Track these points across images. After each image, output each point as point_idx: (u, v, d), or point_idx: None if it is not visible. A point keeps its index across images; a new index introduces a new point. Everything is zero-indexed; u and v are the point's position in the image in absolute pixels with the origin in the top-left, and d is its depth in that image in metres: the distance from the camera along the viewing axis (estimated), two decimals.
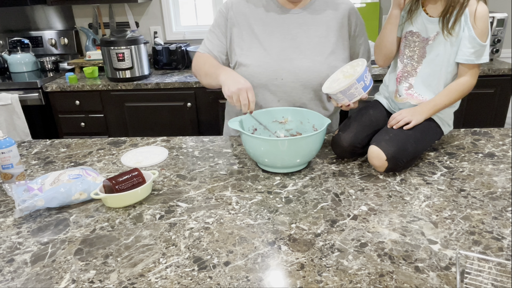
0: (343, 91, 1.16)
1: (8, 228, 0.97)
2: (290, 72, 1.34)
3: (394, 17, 1.24)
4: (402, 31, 1.28)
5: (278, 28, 1.36)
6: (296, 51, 1.35)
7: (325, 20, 1.37)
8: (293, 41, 1.35)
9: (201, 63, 1.41)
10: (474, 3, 1.15)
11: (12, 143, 1.13)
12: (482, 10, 1.15)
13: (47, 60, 2.83)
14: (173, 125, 2.53)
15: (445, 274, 0.77)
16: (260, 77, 1.35)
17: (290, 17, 1.36)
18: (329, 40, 1.36)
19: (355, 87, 1.15)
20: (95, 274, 0.80)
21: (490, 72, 2.32)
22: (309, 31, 1.36)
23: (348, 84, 1.15)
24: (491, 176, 1.13)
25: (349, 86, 1.15)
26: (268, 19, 1.37)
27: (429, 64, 1.24)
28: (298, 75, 1.34)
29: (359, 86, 1.15)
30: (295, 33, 1.36)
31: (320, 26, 1.36)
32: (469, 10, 1.15)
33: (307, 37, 1.36)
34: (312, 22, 1.36)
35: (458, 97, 1.23)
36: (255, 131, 1.31)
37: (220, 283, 0.76)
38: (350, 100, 1.18)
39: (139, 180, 1.06)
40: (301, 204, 1.02)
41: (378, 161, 1.14)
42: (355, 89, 1.15)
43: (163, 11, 2.88)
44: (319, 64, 1.34)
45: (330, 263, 0.81)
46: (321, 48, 1.35)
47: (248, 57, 1.36)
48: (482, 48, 1.17)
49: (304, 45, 1.35)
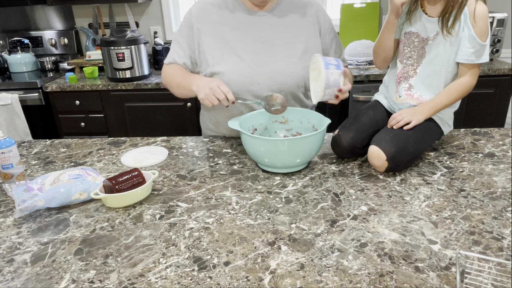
0: (327, 85, 1.14)
1: (8, 228, 0.97)
2: (266, 76, 1.32)
3: (391, 24, 1.24)
4: (401, 31, 1.28)
5: (248, 32, 1.34)
6: (269, 54, 1.33)
7: (294, 20, 1.36)
8: (264, 44, 1.34)
9: (171, 75, 1.41)
10: (473, 2, 1.15)
11: (12, 143, 1.13)
12: (481, 9, 1.15)
13: (47, 60, 2.83)
14: (173, 125, 2.53)
15: (445, 274, 0.77)
16: (237, 83, 1.33)
17: (258, 19, 1.35)
18: (300, 40, 1.35)
19: (331, 73, 1.13)
20: (95, 274, 0.80)
21: (490, 72, 2.32)
22: (279, 32, 1.35)
23: (323, 76, 1.12)
24: (491, 176, 1.13)
25: (326, 77, 1.12)
26: (236, 24, 1.35)
27: (428, 64, 1.24)
28: (274, 78, 1.33)
29: (332, 71, 1.13)
30: (265, 35, 1.34)
31: (290, 27, 1.35)
32: (469, 10, 1.15)
33: (278, 39, 1.34)
34: (281, 23, 1.35)
35: (459, 97, 1.23)
36: (255, 131, 1.31)
37: (220, 283, 0.76)
38: (339, 86, 1.15)
39: (139, 180, 1.06)
40: (301, 204, 1.02)
41: (378, 161, 1.14)
42: (331, 74, 1.13)
43: (163, 11, 2.88)
44: (293, 65, 1.34)
45: (330, 263, 0.81)
46: (293, 49, 1.35)
47: (221, 65, 1.33)
48: (482, 47, 1.17)
49: (276, 47, 1.34)
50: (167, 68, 1.43)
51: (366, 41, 2.60)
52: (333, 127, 1.37)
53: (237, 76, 1.33)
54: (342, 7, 2.79)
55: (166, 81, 1.44)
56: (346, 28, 2.81)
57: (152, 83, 2.42)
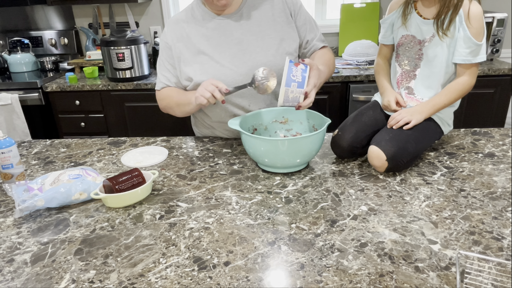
0: (286, 100, 1.14)
1: (8, 228, 0.97)
2: (248, 75, 1.31)
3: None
4: (397, 35, 1.29)
5: (222, 36, 1.34)
6: (246, 53, 1.33)
7: (263, 13, 1.35)
8: (239, 44, 1.33)
9: (168, 96, 1.40)
10: (467, 3, 1.15)
11: (12, 143, 1.13)
12: (475, 9, 1.15)
13: (47, 60, 2.83)
14: (173, 125, 2.53)
15: (445, 274, 0.77)
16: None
17: (228, 22, 1.34)
18: (274, 30, 1.35)
19: (290, 91, 1.12)
20: (95, 274, 0.80)
21: (490, 72, 2.32)
22: (251, 29, 1.34)
23: (282, 93, 1.12)
24: (491, 176, 1.13)
25: (285, 95, 1.12)
26: (208, 32, 1.34)
27: (427, 66, 1.24)
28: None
29: (293, 89, 1.12)
30: (238, 35, 1.34)
31: (260, 20, 1.35)
32: (463, 11, 1.15)
33: (252, 35, 1.34)
34: (251, 19, 1.35)
35: (458, 96, 1.23)
36: (255, 131, 1.31)
37: (220, 283, 0.76)
38: (298, 102, 1.15)
39: (139, 180, 1.06)
40: (301, 204, 1.02)
41: (378, 161, 1.14)
42: (291, 92, 1.13)
43: (163, 11, 2.88)
44: (272, 57, 1.33)
45: (330, 263, 0.81)
46: (268, 41, 1.34)
47: (203, 75, 1.32)
48: (478, 47, 1.17)
49: (252, 44, 1.33)
50: (161, 93, 1.43)
51: (366, 41, 2.60)
52: (333, 127, 1.37)
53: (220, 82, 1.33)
54: (342, 7, 2.79)
55: (164, 105, 1.43)
56: (346, 28, 2.81)
57: (152, 83, 2.42)
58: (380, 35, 1.38)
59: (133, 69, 2.46)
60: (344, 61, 2.63)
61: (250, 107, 1.37)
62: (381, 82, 1.35)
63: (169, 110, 1.44)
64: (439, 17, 1.16)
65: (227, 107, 1.37)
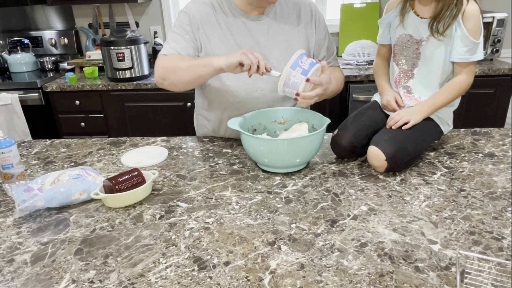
0: (286, 84, 1.13)
1: (8, 228, 0.97)
2: (268, 82, 1.32)
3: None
4: (395, 35, 1.29)
5: (246, 37, 1.32)
6: (268, 60, 1.32)
7: (289, 21, 1.35)
8: (263, 49, 1.32)
9: (176, 60, 1.26)
10: (464, 3, 1.15)
11: (12, 143, 1.13)
12: (472, 8, 1.15)
13: (47, 60, 2.83)
14: (173, 125, 2.53)
15: (445, 274, 0.77)
16: (240, 91, 1.33)
17: (254, 24, 1.33)
18: (298, 41, 1.35)
19: (293, 75, 1.11)
20: (95, 274, 0.80)
21: (490, 72, 2.32)
22: (275, 36, 1.33)
23: (284, 74, 1.11)
24: (491, 176, 1.13)
25: (287, 76, 1.12)
26: (234, 29, 1.31)
27: (425, 65, 1.24)
28: (276, 82, 1.30)
29: (297, 73, 1.11)
30: (263, 41, 1.33)
31: (286, 29, 1.34)
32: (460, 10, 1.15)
33: (276, 43, 1.33)
34: (276, 26, 1.34)
35: (456, 95, 1.23)
36: (255, 132, 1.31)
37: (220, 283, 0.76)
38: (297, 90, 1.14)
39: (139, 180, 1.06)
40: (301, 204, 1.02)
41: (377, 162, 1.14)
42: (293, 76, 1.12)
43: (163, 11, 2.88)
44: None
45: (330, 263, 0.81)
46: (292, 52, 1.31)
47: (224, 74, 1.30)
48: (476, 45, 1.18)
49: (275, 53, 1.33)
50: (167, 57, 1.27)
51: (366, 41, 2.60)
52: (333, 127, 1.37)
53: (240, 84, 1.33)
54: (342, 7, 2.79)
55: (169, 67, 1.25)
56: (346, 28, 2.81)
57: (152, 83, 2.42)
58: (378, 35, 1.38)
59: (133, 69, 2.46)
60: (344, 61, 2.63)
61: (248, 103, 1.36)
62: (380, 82, 1.35)
63: (172, 75, 1.25)
64: (436, 18, 1.16)
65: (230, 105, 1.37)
